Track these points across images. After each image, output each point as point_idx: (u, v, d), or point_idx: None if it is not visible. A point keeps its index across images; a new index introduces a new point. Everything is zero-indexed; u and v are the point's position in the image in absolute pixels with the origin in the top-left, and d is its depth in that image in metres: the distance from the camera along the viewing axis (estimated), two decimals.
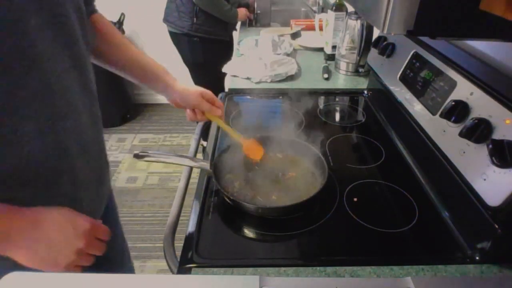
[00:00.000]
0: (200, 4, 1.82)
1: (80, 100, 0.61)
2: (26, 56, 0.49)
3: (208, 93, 0.85)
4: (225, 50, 2.02)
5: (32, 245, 0.51)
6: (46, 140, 0.54)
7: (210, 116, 0.85)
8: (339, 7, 1.46)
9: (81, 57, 0.61)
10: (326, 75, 1.38)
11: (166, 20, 2.00)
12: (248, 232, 0.72)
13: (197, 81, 2.20)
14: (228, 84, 1.34)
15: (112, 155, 2.55)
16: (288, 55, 1.56)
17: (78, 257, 0.55)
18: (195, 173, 0.86)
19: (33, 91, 0.51)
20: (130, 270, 1.04)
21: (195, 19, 1.86)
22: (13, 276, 0.51)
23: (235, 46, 1.75)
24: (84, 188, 0.65)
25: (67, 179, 0.59)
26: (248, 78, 1.35)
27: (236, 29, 2.15)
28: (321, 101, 1.27)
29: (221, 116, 0.86)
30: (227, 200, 0.75)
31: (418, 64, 0.90)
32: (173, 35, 2.02)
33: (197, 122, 1.09)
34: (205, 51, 1.99)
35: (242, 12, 2.06)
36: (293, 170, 0.83)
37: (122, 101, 2.91)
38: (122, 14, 2.67)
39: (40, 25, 0.50)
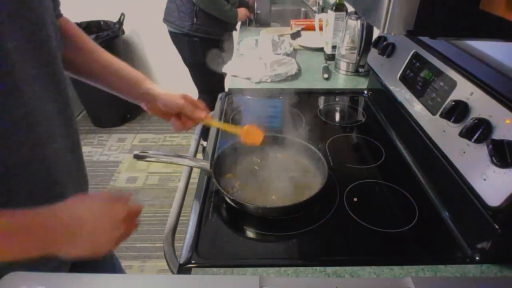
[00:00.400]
0: (200, 4, 1.82)
1: (59, 122, 0.60)
2: (6, 80, 0.48)
3: (189, 96, 0.79)
4: (224, 51, 2.03)
5: (73, 240, 0.52)
6: (31, 169, 0.54)
7: (203, 121, 0.80)
8: (339, 7, 1.46)
9: (60, 73, 0.59)
10: (326, 75, 1.38)
11: (166, 20, 2.00)
12: (248, 232, 0.72)
13: (197, 81, 2.20)
14: (228, 84, 1.34)
15: (112, 155, 2.56)
16: (288, 55, 1.56)
17: (117, 241, 0.57)
18: (195, 173, 0.86)
19: (13, 118, 0.50)
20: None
21: (195, 19, 1.86)
22: (13, 276, 0.51)
23: (235, 46, 1.75)
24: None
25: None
26: (248, 78, 1.35)
27: (236, 29, 2.15)
28: (321, 101, 1.27)
29: (206, 117, 0.79)
30: (227, 200, 0.75)
31: (418, 64, 0.90)
32: (173, 35, 2.02)
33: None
34: (205, 50, 1.98)
35: (242, 12, 2.06)
36: (293, 170, 0.83)
37: (122, 101, 2.86)
38: (122, 14, 2.67)
39: (20, 47, 0.49)
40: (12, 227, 0.46)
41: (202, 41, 1.95)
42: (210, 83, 2.15)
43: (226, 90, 1.30)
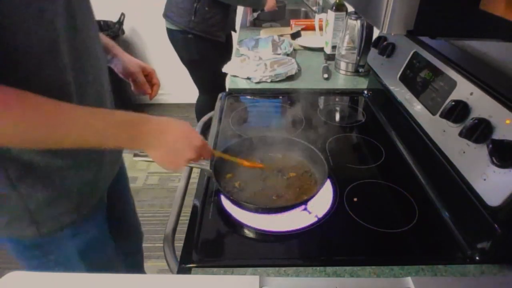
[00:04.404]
0: None
1: (103, 63, 0.76)
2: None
3: (148, 68, 0.91)
4: (221, 51, 2.00)
5: (158, 146, 0.63)
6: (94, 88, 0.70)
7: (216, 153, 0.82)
8: (339, 7, 1.46)
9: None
10: (326, 75, 1.38)
11: (165, 15, 1.97)
12: (248, 232, 0.72)
13: (195, 79, 2.17)
14: (228, 84, 1.34)
15: None
16: (288, 55, 1.56)
17: (188, 161, 0.68)
18: (195, 173, 0.86)
19: (85, 49, 0.65)
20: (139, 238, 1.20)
21: (193, 16, 1.83)
22: (13, 276, 0.51)
23: (235, 46, 1.75)
24: None
25: None
26: (248, 78, 1.35)
27: (235, 30, 2.14)
28: (321, 101, 1.27)
29: (151, 95, 0.91)
30: (227, 200, 0.75)
31: (418, 64, 0.90)
32: (170, 32, 1.99)
33: (198, 122, 1.09)
34: (200, 48, 1.94)
35: (272, 1, 1.90)
36: (293, 170, 0.83)
37: (122, 101, 2.89)
38: (122, 14, 2.67)
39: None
40: (111, 122, 0.59)
41: (196, 39, 1.91)
42: (209, 83, 2.13)
43: (226, 90, 1.30)
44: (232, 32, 2.12)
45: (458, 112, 0.68)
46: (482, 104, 0.64)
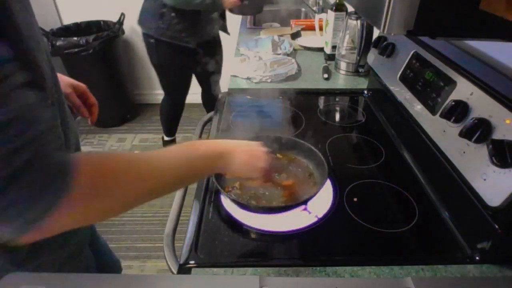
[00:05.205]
0: (169, 1, 1.69)
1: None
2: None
3: (81, 86, 0.80)
4: (192, 57, 1.93)
5: (229, 164, 0.62)
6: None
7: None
8: (339, 7, 1.46)
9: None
10: (326, 75, 1.38)
11: (139, 20, 1.95)
12: (248, 232, 0.72)
13: (162, 84, 2.16)
14: (228, 84, 1.34)
15: None
16: (288, 55, 1.56)
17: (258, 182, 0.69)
18: None
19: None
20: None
21: (161, 22, 1.79)
22: (13, 276, 0.51)
23: (235, 46, 1.74)
24: None
25: None
26: (248, 78, 1.35)
27: (215, 37, 2.03)
28: (321, 101, 1.27)
29: (92, 119, 0.82)
30: (227, 200, 0.75)
31: (418, 64, 0.90)
32: (143, 36, 1.97)
33: (161, 121, 1.06)
34: (160, 53, 1.92)
35: None
36: (293, 170, 0.83)
37: (122, 101, 2.91)
38: (122, 14, 2.67)
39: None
40: (195, 155, 0.58)
41: (161, 44, 1.85)
42: (170, 86, 2.15)
43: (226, 90, 1.30)
44: (229, 34, 2.06)
45: (458, 112, 0.68)
46: (482, 104, 0.64)
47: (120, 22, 2.67)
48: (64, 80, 0.77)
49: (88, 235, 0.77)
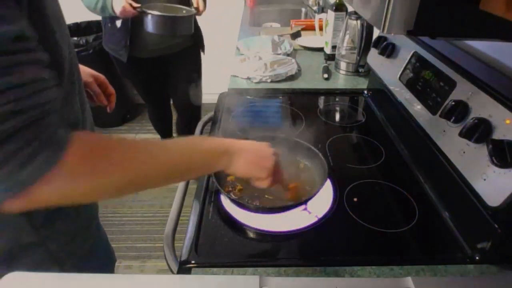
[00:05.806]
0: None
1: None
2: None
3: (101, 77, 0.86)
4: (129, 71, 1.84)
5: (233, 161, 0.61)
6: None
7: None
8: (339, 7, 1.46)
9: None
10: (326, 75, 1.38)
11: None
12: (248, 232, 0.72)
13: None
14: (228, 84, 1.34)
15: None
16: (288, 55, 1.56)
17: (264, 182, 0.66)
18: None
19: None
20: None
21: (103, 32, 1.74)
22: (13, 276, 0.51)
23: (236, 45, 1.74)
24: None
25: None
26: (248, 78, 1.35)
27: (177, 49, 1.75)
28: (321, 101, 1.27)
29: (110, 107, 0.88)
30: (227, 200, 0.75)
31: (418, 64, 0.90)
32: None
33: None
34: (117, 65, 1.85)
35: (122, 6, 1.41)
36: (293, 171, 0.83)
37: (122, 101, 2.91)
38: None
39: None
40: (196, 148, 0.58)
41: (95, 55, 1.78)
42: (143, 98, 2.07)
43: (226, 90, 1.30)
44: (225, 36, 2.00)
45: (458, 112, 0.68)
46: (482, 104, 0.64)
47: None
48: (85, 70, 0.82)
49: (97, 212, 0.78)
